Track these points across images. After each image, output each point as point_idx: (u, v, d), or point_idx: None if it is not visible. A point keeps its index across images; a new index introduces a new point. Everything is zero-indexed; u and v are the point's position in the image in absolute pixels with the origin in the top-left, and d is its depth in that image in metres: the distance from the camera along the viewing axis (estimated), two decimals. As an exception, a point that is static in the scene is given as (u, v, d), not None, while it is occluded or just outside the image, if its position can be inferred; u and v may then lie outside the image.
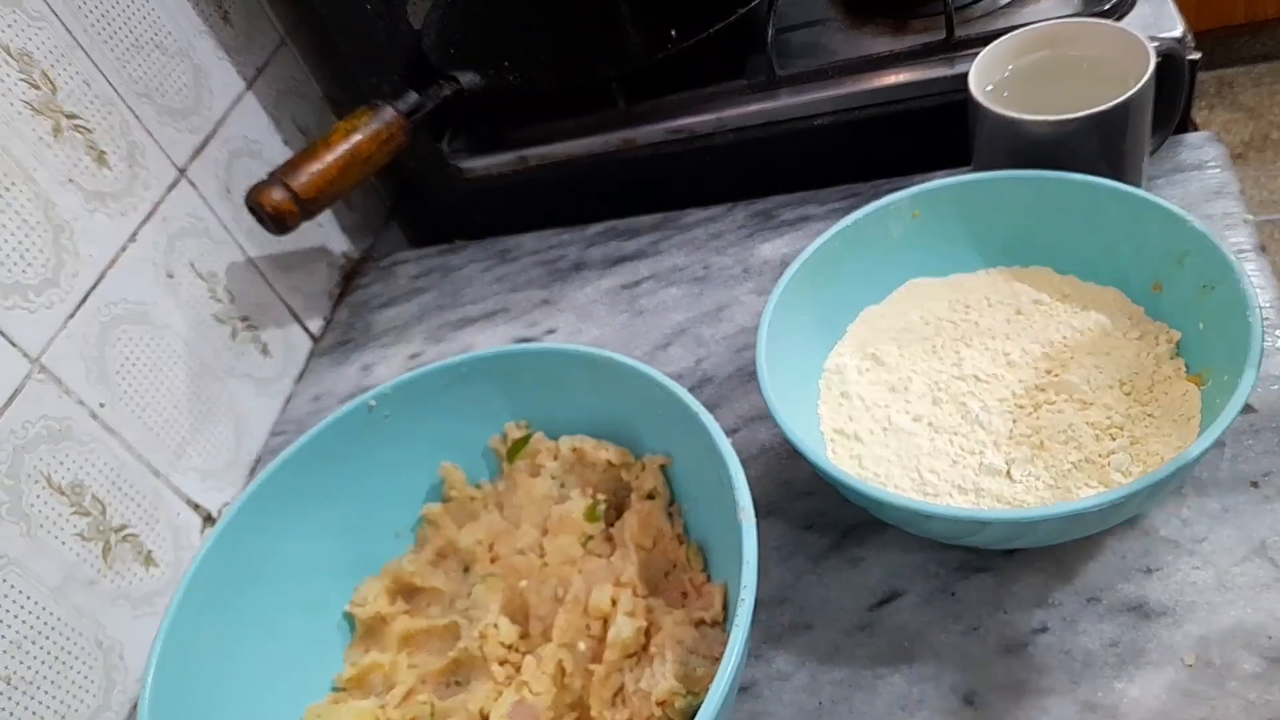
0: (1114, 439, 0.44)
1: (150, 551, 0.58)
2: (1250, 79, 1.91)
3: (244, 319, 0.70)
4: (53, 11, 0.56)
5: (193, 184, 0.66)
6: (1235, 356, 0.40)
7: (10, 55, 0.54)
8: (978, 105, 0.53)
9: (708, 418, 0.43)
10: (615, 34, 0.73)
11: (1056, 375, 0.47)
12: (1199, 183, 0.59)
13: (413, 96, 0.68)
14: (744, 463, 0.54)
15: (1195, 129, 0.65)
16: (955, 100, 0.57)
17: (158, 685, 0.42)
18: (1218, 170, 0.59)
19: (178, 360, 0.62)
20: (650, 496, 0.49)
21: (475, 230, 0.80)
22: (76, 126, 0.57)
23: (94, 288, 0.57)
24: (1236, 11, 1.82)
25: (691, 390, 0.59)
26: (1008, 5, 0.68)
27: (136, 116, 0.61)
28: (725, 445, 0.41)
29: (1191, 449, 0.37)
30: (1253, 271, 0.53)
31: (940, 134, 0.61)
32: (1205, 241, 0.44)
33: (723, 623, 0.43)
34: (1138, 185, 0.55)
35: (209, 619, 0.45)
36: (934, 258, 0.54)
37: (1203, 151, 0.61)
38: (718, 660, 0.39)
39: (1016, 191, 0.51)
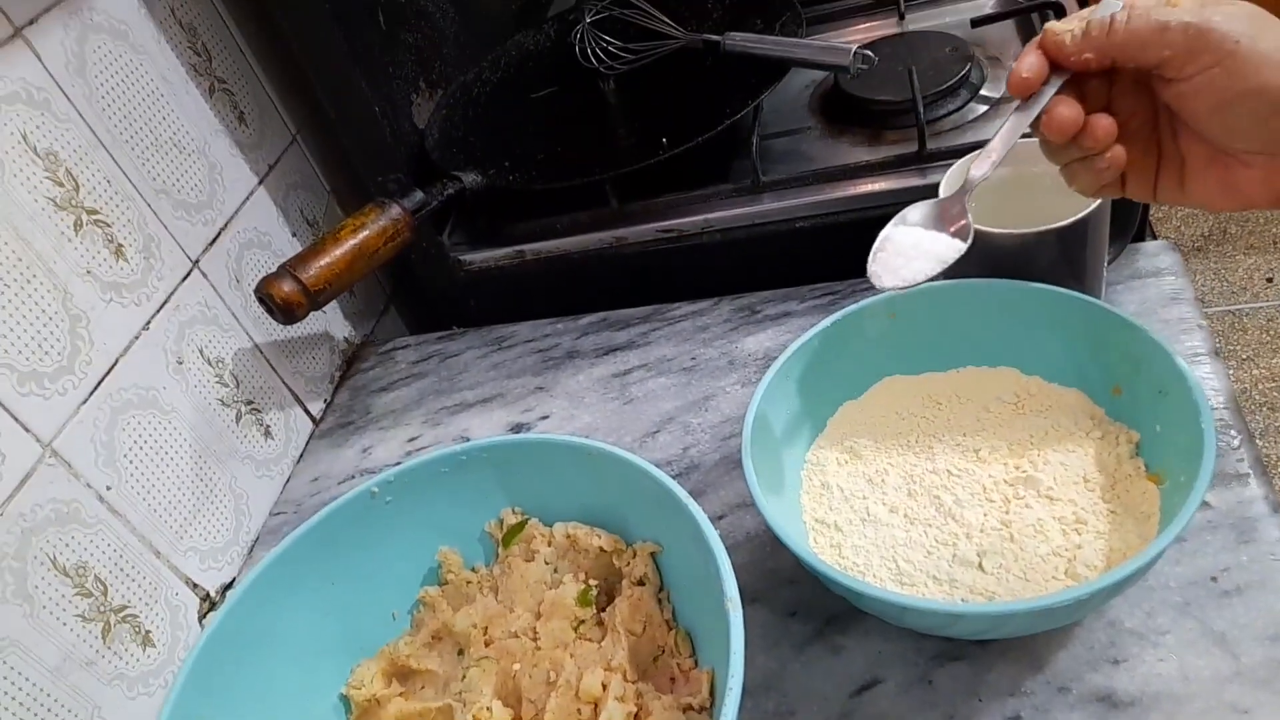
0: (1080, 534, 0.47)
1: (148, 632, 0.59)
2: (1211, 177, 2.00)
3: (248, 403, 0.72)
4: (79, 113, 0.60)
5: (204, 274, 0.69)
6: (1190, 460, 0.43)
7: (37, 154, 0.57)
8: (948, 215, 0.57)
9: (695, 508, 0.45)
10: (609, 140, 0.78)
11: (1025, 472, 0.50)
12: (1156, 289, 0.63)
13: (418, 194, 0.72)
14: (729, 549, 0.56)
15: (1154, 236, 0.70)
16: (929, 209, 0.61)
17: (158, 768, 0.43)
18: (1173, 277, 0.63)
19: (183, 443, 0.64)
20: (640, 583, 0.51)
21: (472, 318, 0.83)
22: (96, 221, 0.60)
23: (107, 375, 0.59)
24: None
25: (678, 477, 0.62)
26: (975, 120, 0.73)
27: (154, 211, 0.64)
28: (712, 535, 0.44)
29: (1151, 547, 0.39)
30: (1207, 375, 0.57)
31: (915, 238, 0.65)
32: (1159, 350, 0.47)
33: (709, 709, 0.45)
34: (1098, 291, 0.59)
35: (209, 700, 0.47)
36: (908, 357, 0.57)
37: (1159, 259, 0.65)
38: (705, 746, 0.41)
39: (984, 297, 0.55)
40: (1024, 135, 0.46)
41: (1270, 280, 1.80)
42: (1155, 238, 0.71)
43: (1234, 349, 1.71)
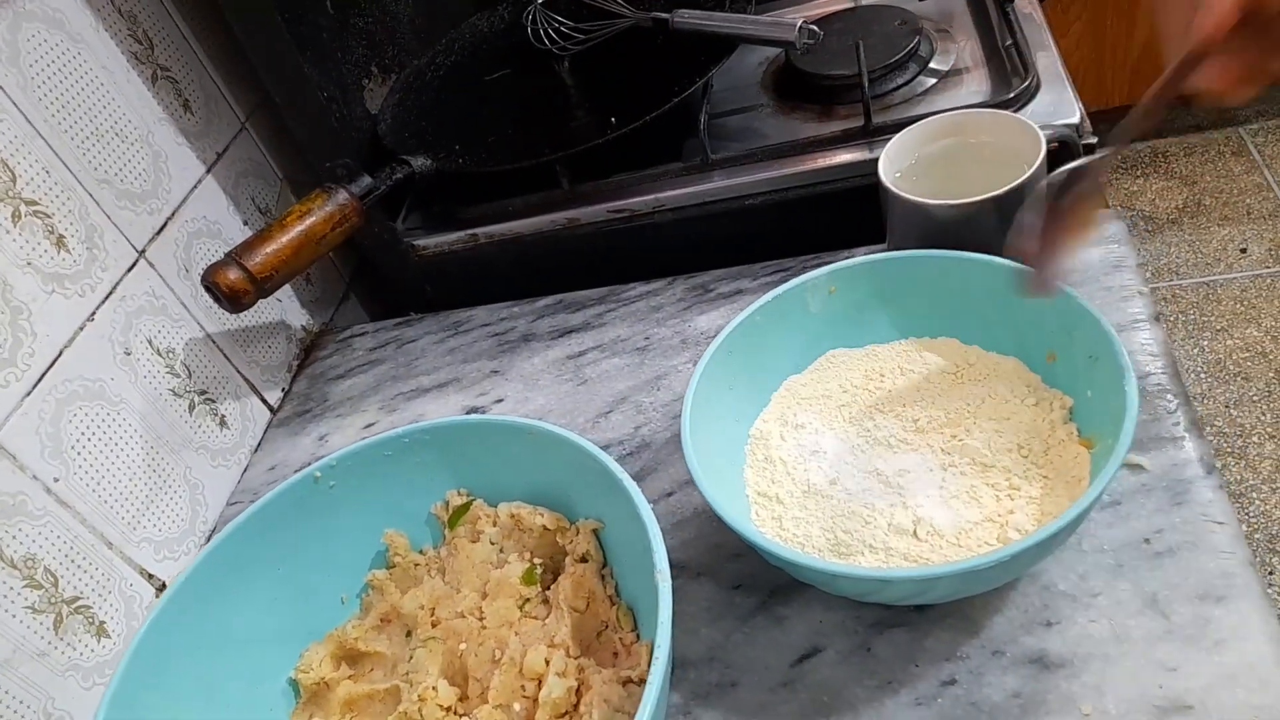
0: (1012, 499, 0.47)
1: (103, 623, 0.59)
2: (1182, 149, 2.01)
3: (201, 393, 0.72)
4: (13, 102, 0.59)
5: (151, 264, 0.68)
6: (1117, 422, 0.44)
7: (-27, 146, 0.57)
8: (887, 190, 0.57)
9: (630, 484, 0.46)
10: (560, 121, 0.78)
11: (960, 440, 0.51)
12: (1099, 256, 0.63)
13: (366, 180, 0.71)
14: (677, 525, 0.57)
15: (1105, 206, 0.70)
16: (874, 182, 0.61)
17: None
18: (1116, 245, 0.64)
19: (133, 434, 0.64)
20: (583, 559, 0.51)
21: (429, 304, 0.83)
22: (35, 212, 0.59)
23: (50, 367, 0.59)
24: (1166, 85, 1.91)
25: (630, 455, 0.62)
26: (924, 93, 0.74)
27: (95, 201, 0.64)
28: (646, 511, 0.44)
29: (1070, 510, 0.40)
30: (1146, 340, 0.57)
31: (862, 212, 0.65)
32: (1089, 317, 0.48)
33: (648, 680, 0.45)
34: (1038, 261, 0.59)
35: (153, 687, 0.47)
36: (851, 330, 0.57)
37: (1103, 228, 0.65)
38: (641, 717, 0.41)
39: (924, 269, 0.55)
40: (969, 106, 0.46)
41: (1244, 251, 1.81)
42: (1108, 206, 0.71)
43: (1208, 319, 1.72)
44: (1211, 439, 1.52)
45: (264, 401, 0.78)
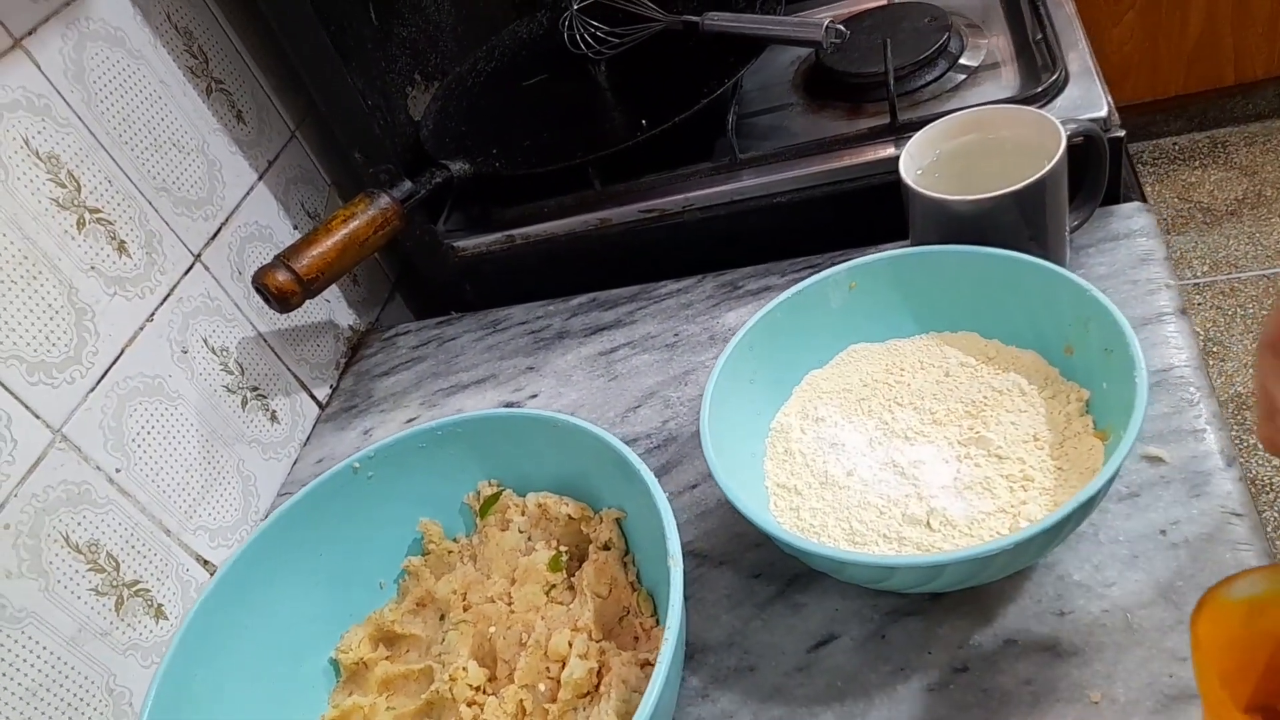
0: (1025, 490, 0.48)
1: (160, 605, 0.63)
2: (1243, 138, 1.96)
3: (254, 389, 0.75)
4: (78, 117, 0.63)
5: (206, 267, 0.72)
6: (1129, 414, 0.44)
7: (39, 158, 0.61)
8: (908, 187, 0.58)
9: (648, 474, 0.47)
10: (593, 123, 0.80)
11: (977, 432, 0.51)
12: (1127, 250, 0.63)
13: (407, 184, 0.74)
14: (701, 516, 0.59)
15: (1144, 199, 0.70)
16: (899, 179, 0.62)
17: (154, 725, 0.46)
18: (1145, 239, 0.63)
19: (190, 428, 0.68)
20: (606, 547, 0.53)
21: (469, 303, 0.86)
22: (99, 219, 0.63)
23: (113, 364, 0.63)
24: (1226, 74, 1.87)
25: (657, 448, 0.64)
26: (954, 89, 0.74)
27: (154, 208, 0.68)
28: (661, 499, 0.46)
29: (1073, 499, 0.41)
30: (1172, 333, 0.57)
31: (889, 209, 0.66)
32: (1103, 309, 0.48)
33: (666, 664, 0.47)
34: (1061, 253, 0.59)
35: (203, 664, 0.50)
36: (872, 325, 0.58)
37: (1132, 221, 0.65)
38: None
39: (944, 264, 0.56)
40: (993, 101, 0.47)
41: (1308, 242, 1.76)
42: (1145, 199, 0.71)
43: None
44: (1271, 436, 1.48)
45: (313, 397, 0.82)
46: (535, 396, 0.74)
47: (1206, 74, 1.88)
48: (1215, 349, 1.63)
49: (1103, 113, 0.65)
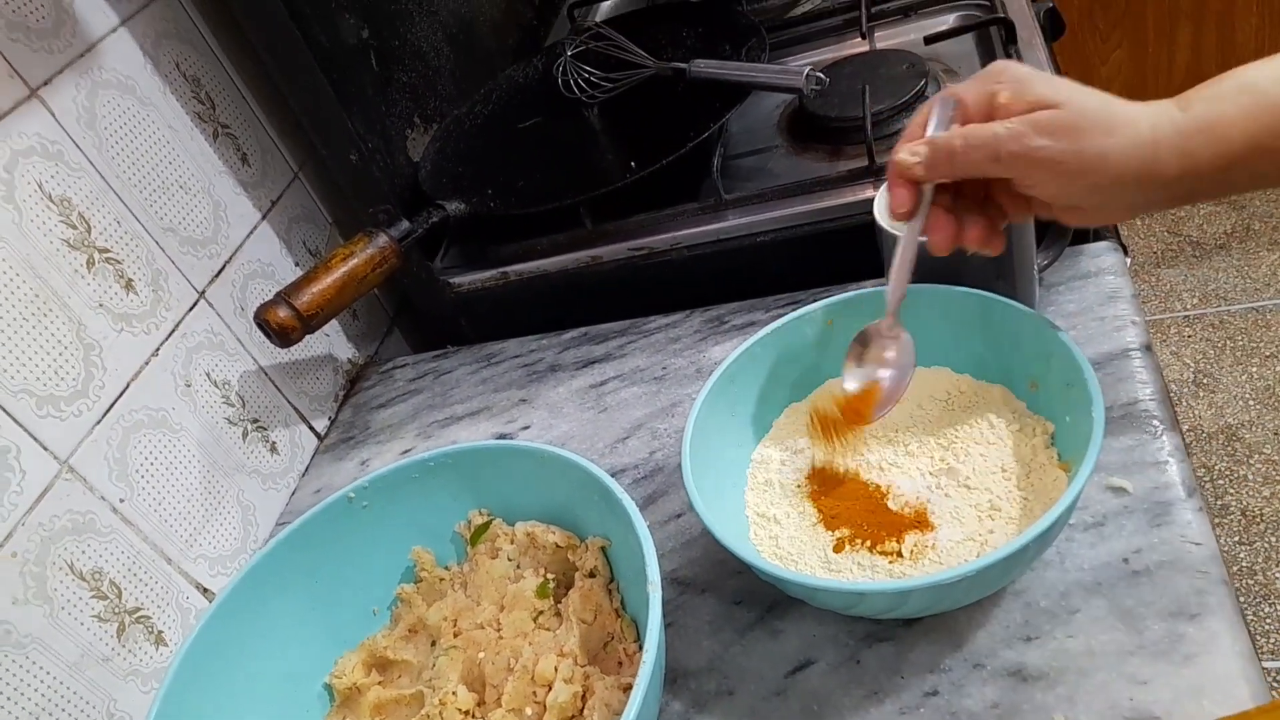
0: (993, 519, 0.50)
1: (161, 632, 0.65)
2: (1230, 173, 1.99)
3: (254, 421, 0.78)
4: (90, 162, 0.66)
5: (210, 304, 0.75)
6: (1086, 446, 0.46)
7: (52, 201, 0.63)
8: (881, 229, 0.60)
9: (629, 504, 0.49)
10: (585, 165, 0.83)
11: (947, 464, 0.53)
12: (1095, 288, 0.66)
13: (404, 224, 0.77)
14: (685, 545, 0.60)
15: (1117, 237, 0.72)
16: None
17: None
18: (1112, 277, 0.66)
19: (192, 459, 0.70)
20: (592, 574, 0.55)
21: (465, 337, 0.88)
22: (107, 259, 0.66)
23: (119, 398, 0.65)
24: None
25: (644, 479, 0.66)
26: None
27: (161, 248, 0.71)
28: (642, 527, 0.48)
29: (1031, 529, 0.43)
30: (1138, 368, 0.60)
31: (868, 247, 0.68)
32: (1063, 346, 0.50)
33: (646, 687, 0.49)
34: (1030, 292, 0.62)
35: (200, 690, 0.52)
36: (848, 360, 0.61)
37: (1101, 259, 0.67)
38: None
39: (916, 301, 0.58)
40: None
41: (1295, 276, 1.78)
42: (1118, 236, 0.73)
43: (1257, 346, 1.69)
44: (1260, 466, 1.50)
45: (311, 429, 0.84)
46: (528, 428, 0.76)
47: (1192, 111, 1.91)
48: (1205, 380, 1.65)
49: (1071, 156, 0.67)
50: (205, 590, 0.69)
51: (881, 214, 0.62)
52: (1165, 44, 1.83)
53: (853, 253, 0.72)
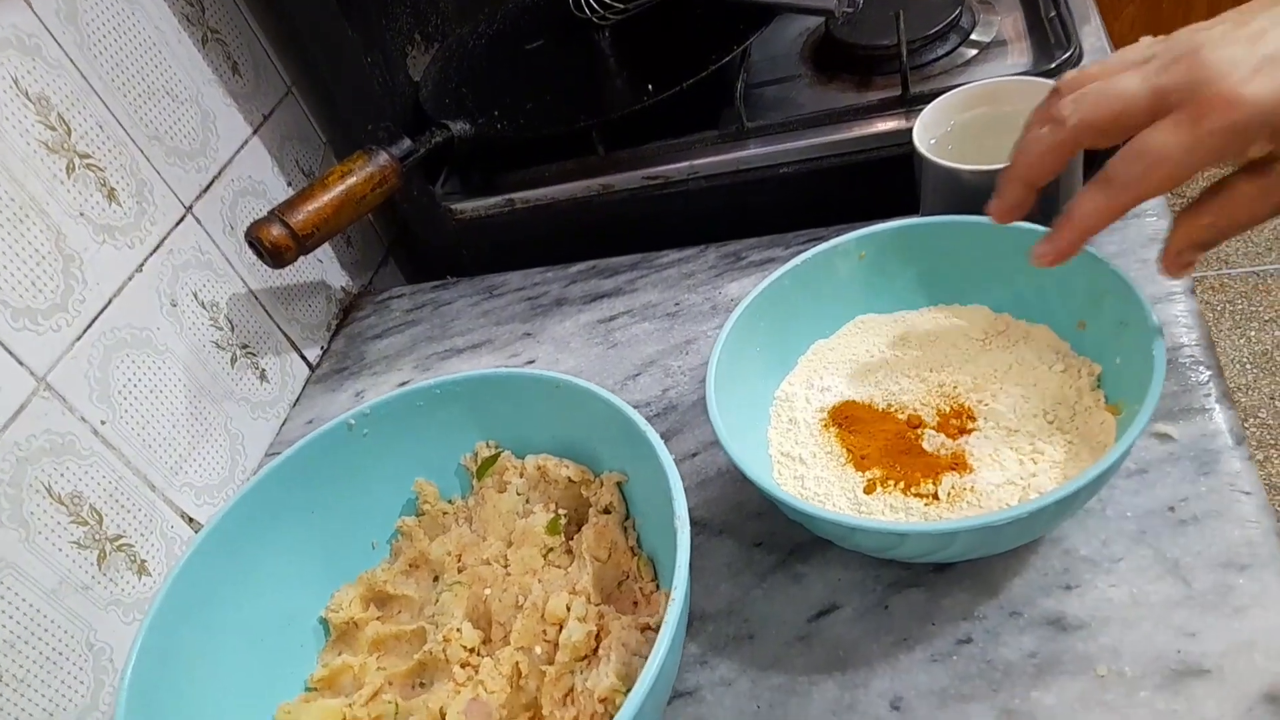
0: (1036, 463, 0.47)
1: (144, 561, 0.61)
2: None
3: (243, 347, 0.74)
4: (70, 60, 0.61)
5: (198, 220, 0.70)
6: (1145, 387, 0.43)
7: (29, 99, 0.59)
8: (921, 157, 0.57)
9: (654, 436, 0.46)
10: (598, 88, 0.78)
11: (986, 404, 0.51)
12: (1136, 230, 0.63)
13: (406, 142, 0.73)
14: (701, 485, 0.58)
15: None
16: (909, 151, 0.61)
17: (135, 681, 0.45)
18: (1154, 219, 0.63)
19: (177, 383, 0.67)
20: (607, 511, 0.52)
21: (465, 268, 0.84)
22: (89, 165, 0.62)
23: (100, 314, 0.61)
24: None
25: (656, 417, 0.63)
26: (965, 64, 0.73)
27: (146, 157, 0.66)
28: (668, 461, 0.45)
29: (1091, 469, 0.40)
30: (1181, 312, 0.57)
31: (897, 183, 0.65)
32: (1120, 282, 0.47)
33: (666, 628, 0.46)
34: (1073, 230, 0.59)
35: (188, 621, 0.49)
36: (880, 296, 0.57)
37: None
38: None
39: (954, 235, 0.55)
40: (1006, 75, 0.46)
41: (1294, 242, 1.77)
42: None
43: (1256, 310, 1.68)
44: (1254, 430, 1.49)
45: (303, 358, 0.80)
46: (532, 362, 0.72)
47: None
48: (1203, 345, 1.64)
49: (1117, 90, 0.64)
50: (191, 520, 0.66)
51: (921, 141, 0.58)
52: (1180, 1, 1.79)
53: (880, 188, 0.69)
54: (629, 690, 0.43)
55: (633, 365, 0.68)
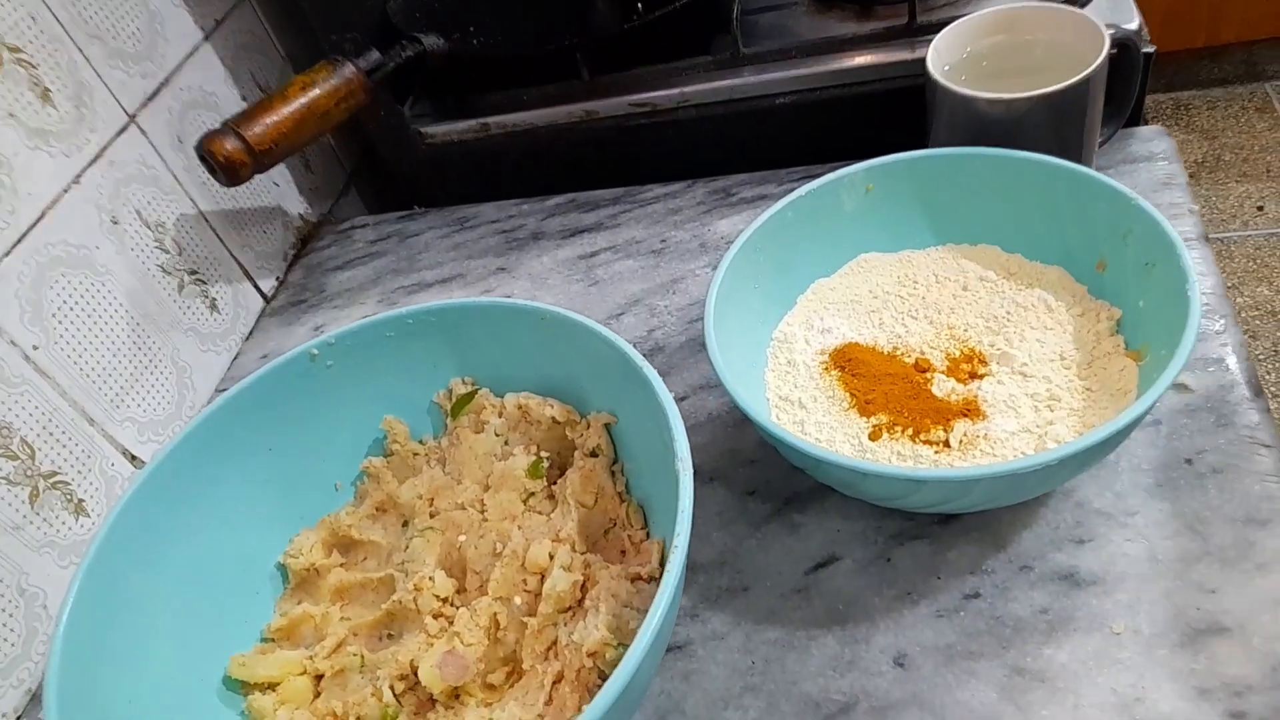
0: (1052, 410, 0.45)
1: (81, 500, 0.56)
2: (1205, 102, 1.96)
3: (192, 272, 0.68)
4: (1, -59, 0.55)
5: (143, 131, 0.64)
6: (1173, 331, 0.41)
7: (-47, -18, 0.52)
8: (934, 83, 0.53)
9: (651, 372, 0.43)
10: (582, 4, 0.73)
11: (999, 349, 0.48)
12: (1148, 173, 0.60)
13: (374, 55, 0.67)
14: (692, 430, 0.54)
15: (1147, 124, 0.66)
16: (915, 84, 0.58)
17: (71, 630, 0.40)
18: (1166, 163, 0.60)
19: (119, 308, 0.61)
20: (593, 454, 0.48)
21: (435, 198, 0.79)
22: (19, 60, 0.55)
23: (32, 227, 0.55)
24: (1197, 35, 1.86)
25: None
26: (973, -6, 0.69)
27: (85, 56, 0.60)
28: (666, 397, 0.41)
29: (1122, 416, 0.37)
30: (1195, 259, 0.54)
31: (899, 117, 0.62)
32: (1148, 219, 0.45)
33: (659, 578, 0.43)
34: (1090, 168, 0.56)
35: (132, 564, 0.44)
36: (885, 233, 0.54)
37: (1153, 144, 0.62)
38: (651, 612, 0.39)
39: (968, 168, 0.52)
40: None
41: (1261, 209, 1.78)
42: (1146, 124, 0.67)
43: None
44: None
45: (257, 288, 0.75)
46: (507, 298, 0.68)
47: (1179, 35, 1.87)
48: (1166, 309, 1.65)
49: (1134, 24, 0.61)
50: (134, 458, 0.61)
51: (935, 67, 0.54)
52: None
53: (881, 122, 0.65)
54: (621, 644, 0.40)
55: (616, 304, 0.64)
